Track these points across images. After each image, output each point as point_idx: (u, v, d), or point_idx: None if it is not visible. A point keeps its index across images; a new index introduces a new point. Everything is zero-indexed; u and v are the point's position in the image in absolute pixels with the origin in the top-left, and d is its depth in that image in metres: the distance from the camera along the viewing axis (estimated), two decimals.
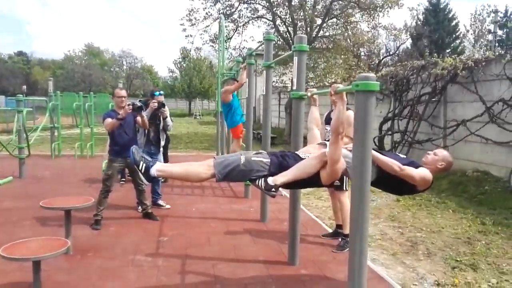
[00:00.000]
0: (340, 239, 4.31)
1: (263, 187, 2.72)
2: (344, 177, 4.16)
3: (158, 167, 2.80)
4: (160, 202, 5.64)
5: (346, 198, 4.21)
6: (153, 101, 5.25)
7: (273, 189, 2.72)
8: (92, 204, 4.06)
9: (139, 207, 5.28)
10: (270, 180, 2.73)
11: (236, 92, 6.80)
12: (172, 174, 2.90)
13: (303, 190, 5.25)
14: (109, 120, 4.68)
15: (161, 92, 5.67)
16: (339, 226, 4.48)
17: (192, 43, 27.53)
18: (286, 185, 2.86)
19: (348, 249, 3.87)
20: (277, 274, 3.54)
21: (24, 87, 31.45)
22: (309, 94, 3.28)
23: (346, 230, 4.10)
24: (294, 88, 3.62)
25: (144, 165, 2.77)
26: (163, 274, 3.49)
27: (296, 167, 2.79)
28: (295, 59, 3.60)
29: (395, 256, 4.24)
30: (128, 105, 4.63)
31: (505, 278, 3.69)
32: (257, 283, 3.37)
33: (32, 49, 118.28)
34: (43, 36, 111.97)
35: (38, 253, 2.97)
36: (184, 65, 41.44)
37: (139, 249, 4.06)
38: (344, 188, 4.23)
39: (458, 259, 4.12)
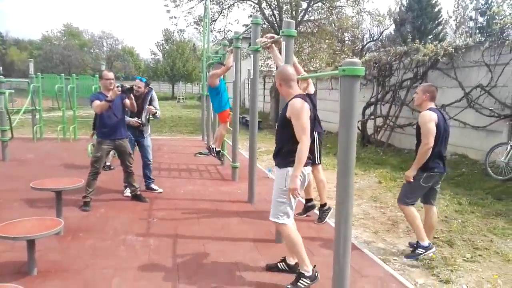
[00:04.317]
0: (318, 212, 4.70)
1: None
2: (315, 150, 4.31)
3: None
4: (153, 186, 5.69)
5: (319, 172, 4.55)
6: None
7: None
8: (82, 185, 4.11)
9: (125, 190, 5.33)
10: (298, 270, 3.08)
11: (222, 76, 6.83)
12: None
13: None
14: (97, 102, 4.66)
15: (143, 78, 5.53)
16: (308, 201, 4.76)
17: (176, 25, 27.07)
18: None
19: (327, 218, 4.47)
20: (266, 251, 3.69)
21: (0, 68, 30.43)
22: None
23: (323, 200, 4.58)
24: None
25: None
26: (155, 253, 3.59)
27: (292, 248, 3.13)
28: (283, 44, 3.67)
29: (376, 234, 4.45)
30: (117, 87, 4.63)
31: (479, 253, 3.93)
32: (247, 259, 3.51)
33: (7, 28, 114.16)
34: (19, 15, 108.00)
35: (32, 232, 3.02)
36: (167, 47, 40.71)
37: (130, 230, 4.14)
38: (316, 162, 4.48)
39: (436, 236, 4.34)
